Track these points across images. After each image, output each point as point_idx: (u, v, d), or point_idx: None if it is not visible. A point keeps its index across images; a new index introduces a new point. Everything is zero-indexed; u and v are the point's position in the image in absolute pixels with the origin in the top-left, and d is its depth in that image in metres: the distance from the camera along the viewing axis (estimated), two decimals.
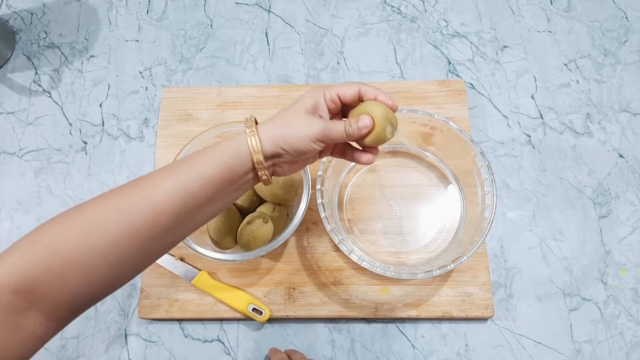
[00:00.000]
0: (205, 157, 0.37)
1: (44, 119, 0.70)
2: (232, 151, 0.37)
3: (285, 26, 0.75)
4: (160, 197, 0.34)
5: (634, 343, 0.56)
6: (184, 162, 0.37)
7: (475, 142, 0.55)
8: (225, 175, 0.37)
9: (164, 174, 0.36)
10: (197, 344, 0.58)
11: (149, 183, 0.35)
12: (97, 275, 0.33)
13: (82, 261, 0.32)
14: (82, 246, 0.32)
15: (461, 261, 0.50)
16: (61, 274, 0.31)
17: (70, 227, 0.32)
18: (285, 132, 0.37)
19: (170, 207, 0.35)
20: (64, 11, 0.77)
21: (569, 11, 0.73)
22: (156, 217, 0.34)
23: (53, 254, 0.31)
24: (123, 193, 0.34)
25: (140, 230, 0.34)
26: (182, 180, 0.35)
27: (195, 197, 0.36)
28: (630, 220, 0.61)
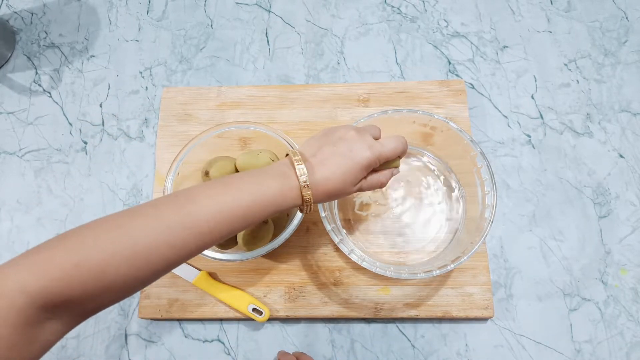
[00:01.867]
0: (259, 207, 0.37)
1: (44, 119, 0.70)
2: (281, 194, 0.38)
3: (285, 26, 0.75)
4: (212, 238, 0.35)
5: (634, 343, 0.56)
6: (239, 204, 0.36)
7: (475, 142, 0.55)
8: (269, 212, 0.38)
9: (213, 211, 0.35)
10: (197, 344, 0.58)
11: (204, 222, 0.35)
12: (130, 292, 0.34)
13: (124, 287, 0.32)
14: (130, 277, 0.32)
15: (461, 261, 0.50)
16: (98, 295, 0.31)
17: (120, 257, 0.31)
18: (334, 194, 0.41)
19: (214, 237, 0.36)
20: (64, 11, 0.77)
21: (569, 11, 0.73)
22: (200, 248, 0.36)
23: (97, 281, 0.31)
24: (175, 224, 0.34)
25: (184, 259, 0.35)
26: (235, 225, 0.36)
27: (237, 228, 0.37)
28: (630, 220, 0.61)
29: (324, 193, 0.40)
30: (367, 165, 0.41)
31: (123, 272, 0.32)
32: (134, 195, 0.65)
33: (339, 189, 0.40)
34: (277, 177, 0.38)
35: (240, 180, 0.38)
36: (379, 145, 0.42)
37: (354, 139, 0.41)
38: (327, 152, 0.40)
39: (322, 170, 0.39)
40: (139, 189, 0.65)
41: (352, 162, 0.40)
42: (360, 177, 0.41)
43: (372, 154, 0.41)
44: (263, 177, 0.38)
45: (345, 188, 0.40)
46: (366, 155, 0.40)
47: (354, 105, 0.67)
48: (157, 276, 0.35)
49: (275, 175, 0.39)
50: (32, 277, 0.29)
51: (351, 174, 0.40)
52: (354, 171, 0.40)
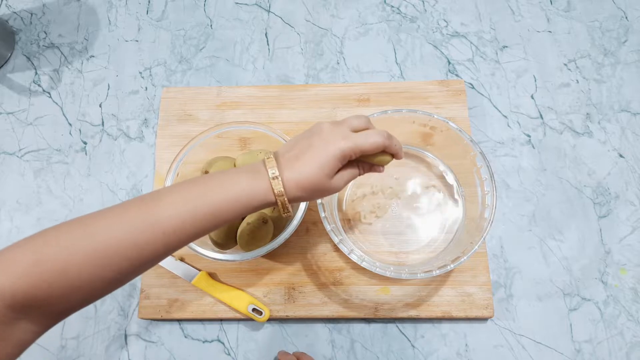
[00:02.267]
0: (228, 203, 0.36)
1: (44, 119, 0.70)
2: (251, 190, 0.37)
3: (285, 26, 0.75)
4: (177, 238, 0.35)
5: (634, 343, 0.56)
6: (203, 201, 0.36)
7: (475, 142, 0.55)
8: (239, 211, 0.37)
9: (178, 209, 0.35)
10: (197, 344, 0.58)
11: (167, 219, 0.34)
12: (99, 293, 0.34)
13: (89, 286, 0.32)
14: (92, 276, 0.32)
15: (461, 261, 0.50)
16: (63, 295, 0.31)
17: (82, 255, 0.32)
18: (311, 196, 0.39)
19: (180, 237, 0.35)
20: (64, 11, 0.77)
21: (569, 11, 0.73)
22: (167, 248, 0.35)
23: (60, 280, 0.31)
24: (137, 224, 0.33)
25: (150, 260, 0.35)
26: (202, 224, 0.35)
27: (206, 229, 0.36)
28: (630, 220, 0.61)
29: (298, 187, 0.38)
30: (341, 156, 0.39)
31: (85, 270, 0.31)
32: (134, 195, 0.65)
33: (314, 182, 0.38)
34: (247, 174, 0.38)
35: (208, 178, 0.37)
36: (355, 136, 0.40)
37: (328, 131, 0.39)
38: (301, 146, 0.39)
39: (296, 164, 0.38)
40: (138, 189, 0.65)
41: (325, 153, 0.38)
42: (335, 168, 0.39)
43: (346, 144, 0.39)
44: (231, 175, 0.38)
45: (320, 181, 0.38)
46: (340, 145, 0.38)
47: (354, 105, 0.67)
48: (124, 276, 0.34)
49: (244, 172, 0.38)
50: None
51: (326, 166, 0.38)
52: (328, 162, 0.38)
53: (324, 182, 0.39)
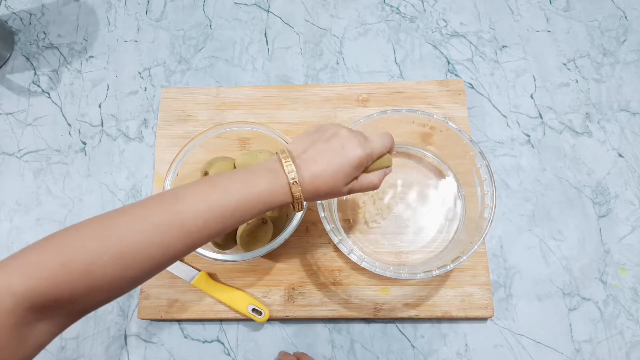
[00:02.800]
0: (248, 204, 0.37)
1: (43, 119, 0.70)
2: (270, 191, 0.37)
3: (284, 26, 0.75)
4: (200, 236, 0.35)
5: (634, 342, 0.56)
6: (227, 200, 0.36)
7: (474, 142, 0.55)
8: (259, 210, 0.38)
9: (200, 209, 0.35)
10: (197, 344, 0.58)
11: (191, 219, 0.34)
12: (120, 292, 0.34)
13: (111, 287, 0.32)
14: (116, 277, 0.32)
15: (461, 261, 0.50)
16: (86, 295, 0.31)
17: (107, 256, 0.31)
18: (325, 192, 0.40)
19: (203, 236, 0.35)
20: (63, 12, 0.77)
21: (568, 11, 0.73)
22: (189, 247, 0.35)
23: (84, 281, 0.31)
24: (162, 223, 0.34)
25: (171, 260, 0.35)
26: (225, 222, 0.36)
27: (226, 229, 0.37)
28: (630, 220, 0.61)
29: (314, 191, 0.39)
30: (358, 164, 0.40)
31: (110, 271, 0.32)
32: (133, 195, 0.65)
33: (330, 187, 0.39)
34: (266, 175, 0.38)
35: (228, 178, 0.37)
36: (369, 143, 0.41)
37: (347, 137, 0.40)
38: (319, 149, 0.39)
39: (313, 167, 0.38)
40: (138, 189, 0.65)
41: (343, 160, 0.39)
42: (352, 175, 0.40)
43: (364, 151, 0.40)
44: (251, 175, 0.38)
45: (336, 186, 0.39)
46: (358, 153, 0.39)
47: (353, 105, 0.67)
48: (146, 275, 0.34)
49: (263, 172, 0.38)
50: (20, 279, 0.29)
51: (343, 172, 0.39)
52: (345, 169, 0.39)
53: (340, 188, 0.40)
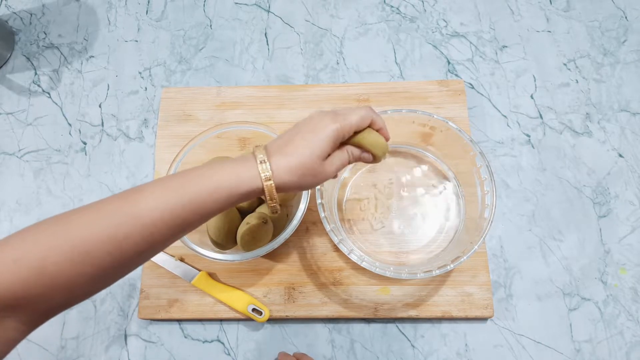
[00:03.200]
0: (208, 193, 0.35)
1: (44, 119, 0.70)
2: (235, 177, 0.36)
3: (284, 26, 0.75)
4: (157, 230, 0.33)
5: (634, 342, 0.56)
6: (182, 192, 0.35)
7: (474, 142, 0.55)
8: (222, 201, 0.36)
9: (157, 200, 0.34)
10: (197, 344, 0.58)
11: (146, 211, 0.33)
12: (81, 292, 0.33)
13: (67, 283, 0.31)
14: (71, 273, 0.31)
15: (461, 261, 0.50)
16: (44, 294, 0.31)
17: (59, 251, 0.31)
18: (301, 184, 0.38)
19: (166, 236, 0.34)
20: (63, 12, 0.77)
21: (568, 11, 0.73)
22: (150, 245, 0.34)
23: (38, 277, 0.30)
24: (116, 218, 0.33)
25: (132, 256, 0.33)
26: (181, 215, 0.34)
27: (192, 225, 0.36)
28: (630, 220, 0.61)
29: (287, 170, 0.37)
30: (333, 136, 0.38)
31: (64, 267, 0.31)
32: None
33: (305, 164, 0.37)
34: (232, 162, 0.37)
35: (192, 170, 0.36)
36: (342, 115, 0.40)
37: (318, 116, 0.39)
38: (291, 134, 0.39)
39: (285, 148, 0.37)
40: None
41: (316, 135, 0.38)
42: (327, 149, 0.38)
43: (335, 123, 0.38)
44: (216, 165, 0.37)
45: (312, 163, 0.37)
46: (331, 126, 0.38)
47: (354, 105, 0.67)
48: (107, 273, 0.33)
49: (230, 161, 0.37)
50: None
51: (317, 147, 0.37)
52: (319, 143, 0.37)
53: (315, 165, 0.38)
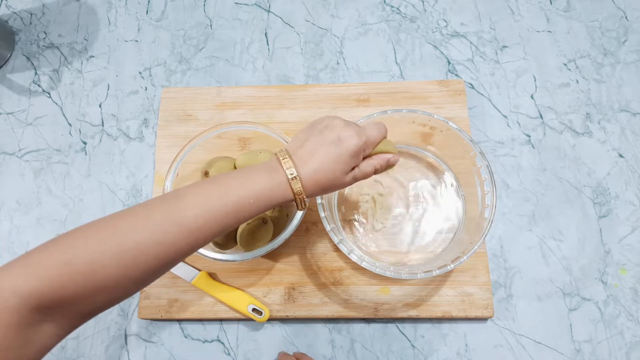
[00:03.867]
0: (247, 202, 0.37)
1: (44, 119, 0.70)
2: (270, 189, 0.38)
3: (284, 26, 0.75)
4: (202, 235, 0.35)
5: (634, 342, 0.56)
6: (226, 200, 0.36)
7: (474, 142, 0.55)
8: (260, 208, 0.38)
9: (202, 207, 0.35)
10: (197, 344, 0.58)
11: (192, 218, 0.35)
12: (124, 294, 0.34)
13: (115, 287, 0.33)
14: (119, 276, 0.32)
15: (461, 261, 0.50)
16: (90, 295, 0.32)
17: (109, 255, 0.32)
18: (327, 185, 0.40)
19: (205, 234, 0.36)
20: (64, 11, 0.77)
21: (569, 11, 0.73)
22: (193, 249, 0.36)
23: (88, 280, 0.31)
24: (163, 222, 0.34)
25: (175, 259, 0.35)
26: (225, 222, 0.36)
27: (229, 226, 0.37)
28: (630, 220, 0.61)
29: (315, 185, 0.39)
30: (356, 152, 0.40)
31: (113, 271, 0.32)
32: (134, 195, 0.65)
33: (331, 179, 0.39)
34: (265, 173, 0.38)
35: (228, 177, 0.38)
36: (365, 131, 0.41)
37: (341, 127, 0.40)
38: (315, 143, 0.39)
39: (311, 161, 0.38)
40: (138, 189, 0.65)
41: (340, 150, 0.39)
42: (351, 164, 0.40)
43: (360, 139, 0.40)
44: (251, 174, 0.38)
45: (336, 178, 0.40)
46: (354, 142, 0.39)
47: (354, 105, 0.67)
48: (150, 276, 0.35)
49: (262, 171, 0.38)
50: (24, 279, 0.29)
51: (341, 162, 0.39)
52: (344, 159, 0.39)
53: (341, 179, 0.40)
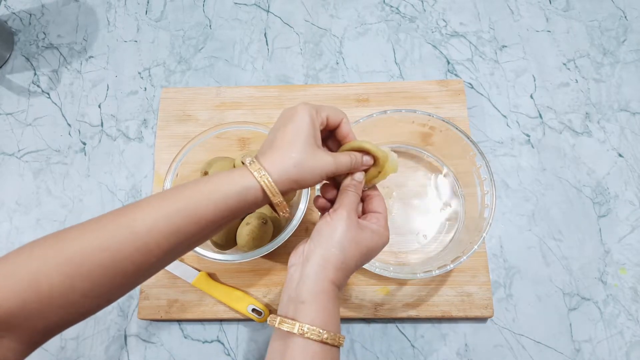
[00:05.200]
0: (202, 195, 0.34)
1: (43, 119, 0.70)
2: (236, 194, 0.35)
3: (284, 26, 0.75)
4: (152, 239, 0.32)
5: (634, 342, 0.56)
6: (177, 198, 0.34)
7: (474, 142, 0.55)
8: (225, 217, 0.35)
9: (151, 208, 0.33)
10: (197, 344, 0.58)
11: (139, 220, 0.32)
12: (77, 309, 0.32)
13: (62, 299, 0.30)
14: (64, 287, 0.30)
15: (461, 261, 0.50)
16: (39, 310, 0.30)
17: (52, 265, 0.30)
18: (299, 171, 0.36)
19: (163, 248, 0.33)
20: (63, 12, 0.77)
21: (568, 10, 0.73)
22: (146, 258, 0.33)
23: (32, 291, 0.29)
24: (111, 229, 0.32)
25: (128, 270, 0.32)
26: (176, 221, 0.33)
27: (190, 236, 0.34)
28: (630, 220, 0.61)
29: (280, 161, 0.35)
30: (309, 120, 0.37)
31: (58, 281, 0.30)
32: (133, 196, 0.65)
33: (295, 150, 0.36)
34: (227, 172, 0.36)
35: (187, 183, 0.35)
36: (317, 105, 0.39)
37: (288, 110, 0.39)
38: (273, 133, 0.38)
39: (272, 145, 0.36)
40: (138, 189, 0.65)
41: (293, 122, 0.37)
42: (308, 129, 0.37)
43: (306, 105, 0.38)
44: (211, 178, 0.36)
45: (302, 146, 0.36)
46: (302, 108, 0.37)
47: (353, 105, 0.67)
48: (101, 290, 0.32)
49: (224, 174, 0.36)
50: None
51: (299, 130, 0.36)
52: (299, 125, 0.37)
53: (307, 148, 0.36)
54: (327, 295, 0.36)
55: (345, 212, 0.39)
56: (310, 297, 0.36)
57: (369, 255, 0.40)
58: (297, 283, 0.37)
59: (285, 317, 0.36)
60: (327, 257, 0.37)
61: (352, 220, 0.39)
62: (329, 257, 0.37)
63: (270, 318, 0.37)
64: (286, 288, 0.38)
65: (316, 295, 0.36)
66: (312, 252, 0.38)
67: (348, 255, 0.38)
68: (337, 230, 0.38)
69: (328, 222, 0.39)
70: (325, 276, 0.37)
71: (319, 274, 0.37)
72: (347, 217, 0.39)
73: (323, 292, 0.36)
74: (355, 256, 0.38)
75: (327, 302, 0.36)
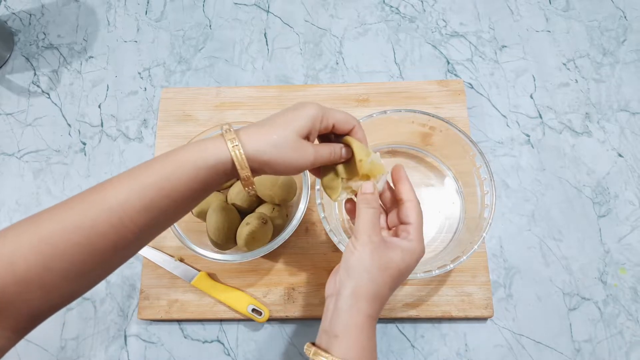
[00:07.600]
0: (172, 168, 0.33)
1: (43, 120, 0.70)
2: (206, 166, 0.34)
3: (284, 26, 0.75)
4: (126, 215, 0.32)
5: (634, 342, 0.56)
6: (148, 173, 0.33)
7: (474, 142, 0.55)
8: (198, 190, 0.34)
9: (123, 183, 0.33)
10: (197, 344, 0.58)
11: (111, 197, 0.32)
12: (57, 291, 0.32)
13: (40, 280, 0.30)
14: (41, 267, 0.30)
15: (460, 261, 0.50)
16: (18, 293, 0.30)
17: (27, 245, 0.30)
18: (276, 153, 0.35)
19: (138, 224, 0.33)
20: (63, 12, 0.77)
21: (568, 11, 0.73)
22: (122, 234, 0.32)
23: (10, 273, 0.29)
24: (84, 207, 0.31)
25: (104, 248, 0.32)
26: (148, 195, 0.32)
27: (164, 211, 0.34)
28: (630, 220, 0.61)
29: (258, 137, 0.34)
30: (313, 116, 0.36)
31: (34, 262, 0.30)
32: None
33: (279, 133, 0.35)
34: (201, 141, 0.35)
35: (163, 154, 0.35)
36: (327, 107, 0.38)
37: (302, 103, 0.38)
38: (272, 115, 0.37)
39: (260, 123, 0.36)
40: None
41: (296, 113, 0.36)
42: (305, 124, 0.36)
43: (321, 108, 0.37)
44: (187, 144, 0.35)
45: (288, 133, 0.35)
46: (314, 108, 0.37)
47: (353, 105, 0.67)
48: (79, 270, 0.31)
49: (200, 140, 0.35)
50: None
51: (294, 120, 0.35)
52: (297, 117, 0.36)
53: (292, 137, 0.35)
54: (360, 329, 0.36)
55: (365, 236, 0.37)
56: (343, 332, 0.36)
57: (401, 277, 0.39)
58: (332, 316, 0.37)
59: (319, 348, 0.36)
60: (358, 290, 0.36)
61: (376, 244, 0.37)
62: (360, 290, 0.36)
63: (307, 346, 0.37)
64: (323, 319, 0.38)
65: (349, 330, 0.36)
66: (343, 285, 0.37)
67: (379, 283, 0.37)
68: (363, 260, 0.37)
69: (352, 252, 0.38)
70: (358, 310, 0.36)
71: (352, 308, 0.36)
72: (369, 241, 0.37)
73: (356, 327, 0.36)
74: (387, 282, 0.37)
75: (360, 336, 0.36)
